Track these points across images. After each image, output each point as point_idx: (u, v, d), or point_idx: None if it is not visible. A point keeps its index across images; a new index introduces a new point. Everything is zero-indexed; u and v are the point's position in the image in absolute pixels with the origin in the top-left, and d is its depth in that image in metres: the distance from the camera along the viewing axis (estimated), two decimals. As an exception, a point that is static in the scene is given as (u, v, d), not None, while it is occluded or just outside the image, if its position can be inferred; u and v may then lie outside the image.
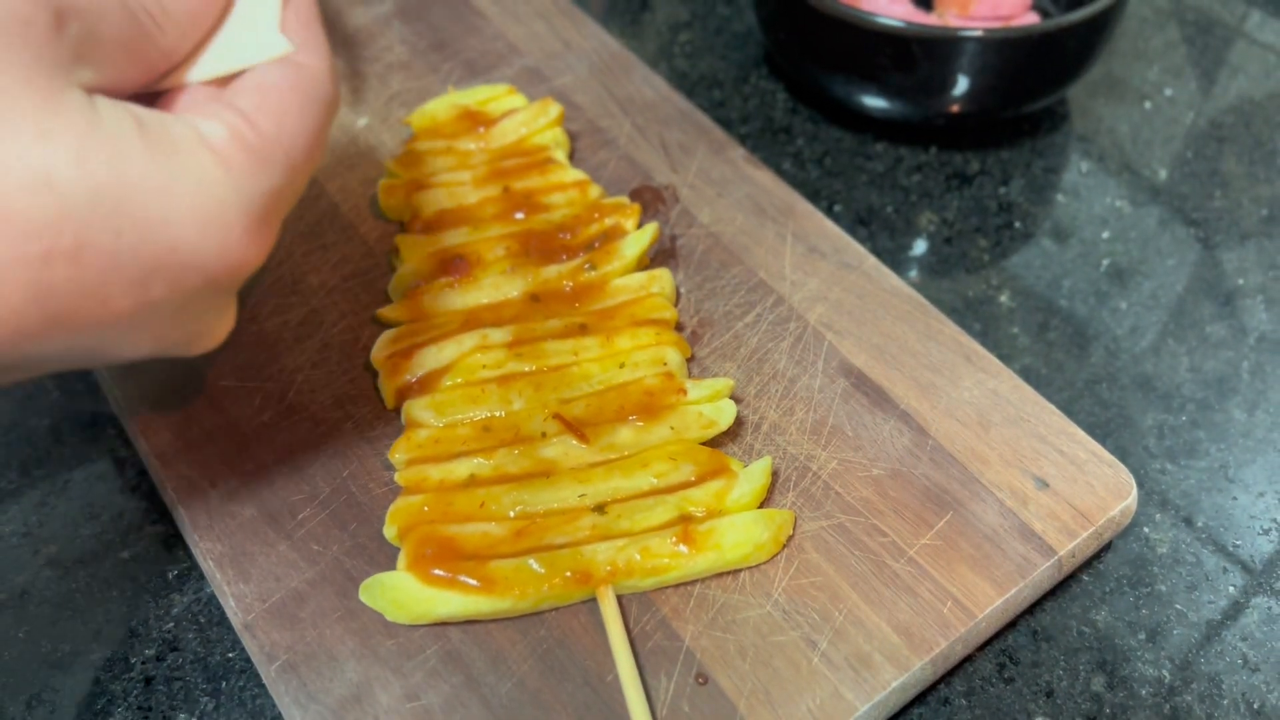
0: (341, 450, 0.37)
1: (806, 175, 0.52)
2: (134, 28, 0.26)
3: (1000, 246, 0.49)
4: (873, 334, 0.40)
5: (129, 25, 0.26)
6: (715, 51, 0.59)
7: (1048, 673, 0.35)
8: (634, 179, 0.47)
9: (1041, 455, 0.37)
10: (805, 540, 0.35)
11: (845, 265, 0.43)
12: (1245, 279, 0.47)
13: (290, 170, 0.27)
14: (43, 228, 0.22)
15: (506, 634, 0.33)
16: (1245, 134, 0.54)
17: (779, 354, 0.40)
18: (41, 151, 0.22)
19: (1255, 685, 0.34)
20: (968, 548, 0.34)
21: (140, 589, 0.37)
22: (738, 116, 0.55)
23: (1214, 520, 0.39)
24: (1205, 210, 0.50)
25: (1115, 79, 0.57)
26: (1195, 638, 0.36)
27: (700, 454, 0.36)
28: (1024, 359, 0.44)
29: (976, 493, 0.36)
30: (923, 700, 0.34)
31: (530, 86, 0.52)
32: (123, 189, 0.23)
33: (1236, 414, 0.42)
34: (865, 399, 0.39)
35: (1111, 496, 0.36)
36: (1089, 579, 0.37)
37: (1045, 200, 0.51)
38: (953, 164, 0.53)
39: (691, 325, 0.41)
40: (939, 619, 0.33)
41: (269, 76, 0.28)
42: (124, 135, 0.24)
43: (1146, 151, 0.53)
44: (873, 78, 0.50)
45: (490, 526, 0.34)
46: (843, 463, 0.37)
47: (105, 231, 0.23)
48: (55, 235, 0.22)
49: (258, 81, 0.28)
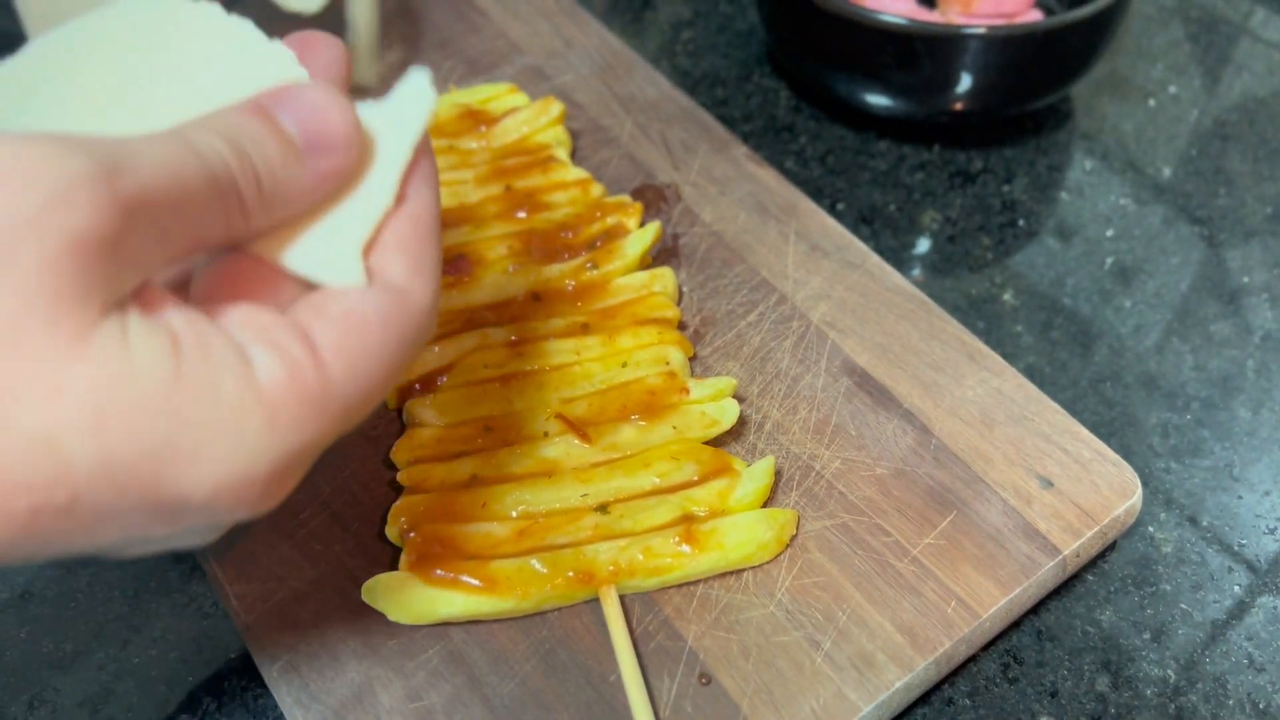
0: (343, 450, 0.37)
1: (809, 173, 0.52)
2: (218, 213, 0.22)
3: (1004, 245, 0.49)
4: (876, 333, 0.40)
5: (212, 213, 0.22)
6: (717, 49, 0.59)
7: (1052, 673, 0.35)
8: (636, 178, 0.47)
9: (1045, 454, 0.36)
10: (808, 540, 0.35)
11: (848, 264, 0.43)
12: (1250, 277, 0.47)
13: (346, 421, 0.23)
14: (36, 488, 0.19)
15: (509, 634, 0.33)
16: (1250, 132, 0.54)
17: (782, 353, 0.40)
18: (52, 412, 0.19)
19: (1261, 685, 0.34)
20: (972, 547, 0.34)
21: (142, 589, 0.37)
22: (740, 115, 0.55)
23: (1219, 519, 0.39)
24: (1210, 208, 0.50)
25: (1119, 76, 0.57)
26: (1200, 637, 0.35)
27: (703, 453, 0.36)
28: (1028, 358, 0.44)
29: (980, 492, 0.36)
30: (926, 701, 0.34)
31: (532, 85, 0.51)
32: (139, 455, 0.20)
33: (1241, 413, 0.42)
34: (868, 398, 0.38)
35: (1116, 496, 0.35)
36: (1093, 578, 0.37)
37: (1049, 198, 0.51)
38: (956, 162, 0.52)
39: (694, 324, 0.41)
40: (943, 619, 0.33)
41: (361, 305, 0.23)
42: (154, 383, 0.20)
43: (1151, 149, 0.53)
44: (876, 75, 0.50)
45: (492, 526, 0.34)
46: (846, 462, 0.37)
47: (108, 490, 0.20)
48: (48, 495, 0.19)
49: (345, 309, 0.23)
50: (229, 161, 0.22)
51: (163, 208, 0.20)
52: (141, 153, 0.20)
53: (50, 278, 0.19)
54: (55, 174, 0.19)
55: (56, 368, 0.19)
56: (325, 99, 0.24)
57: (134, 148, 0.20)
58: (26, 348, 0.19)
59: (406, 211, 0.25)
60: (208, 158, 0.22)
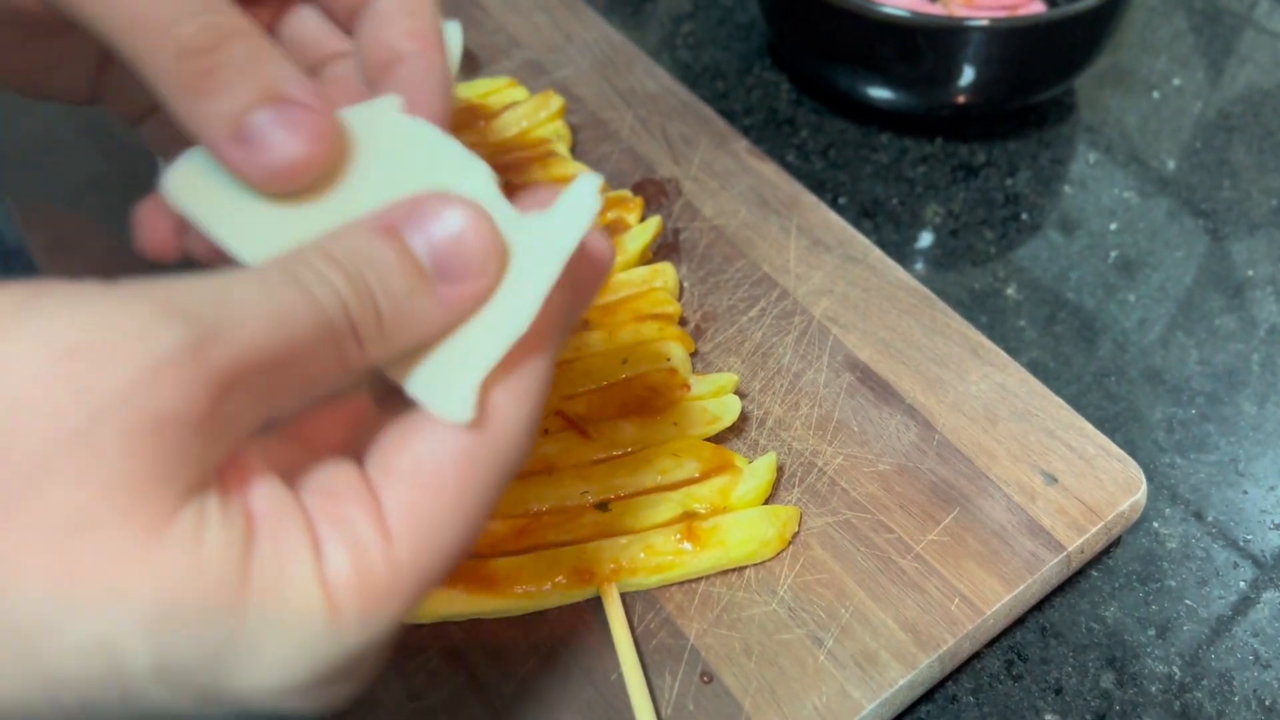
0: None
1: (811, 167, 0.52)
2: (329, 359, 0.20)
3: (1007, 239, 0.48)
4: (878, 328, 0.40)
5: (322, 359, 0.20)
6: (718, 43, 0.59)
7: (1056, 670, 0.34)
8: (636, 172, 0.47)
9: (1050, 450, 0.36)
10: (811, 537, 0.34)
11: (850, 258, 0.42)
12: (1255, 270, 0.47)
13: (416, 601, 0.21)
14: (85, 685, 0.18)
15: (509, 633, 0.33)
16: (1254, 124, 0.54)
17: (783, 348, 0.40)
18: (112, 616, 0.17)
19: (1266, 681, 0.34)
20: (975, 544, 0.34)
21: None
22: (741, 108, 0.55)
23: (1224, 514, 0.38)
24: (1214, 201, 0.50)
25: (1123, 69, 0.57)
26: (1205, 633, 0.35)
27: (704, 450, 0.35)
28: (1031, 352, 0.43)
29: (984, 488, 0.35)
30: (930, 698, 0.34)
31: (531, 79, 0.51)
32: (196, 658, 0.18)
33: (1247, 407, 0.41)
34: (871, 393, 0.38)
35: (1120, 491, 0.35)
36: (1098, 575, 0.37)
37: (1052, 192, 0.50)
38: (958, 155, 0.52)
39: (695, 320, 0.41)
40: (946, 616, 0.32)
41: (435, 455, 0.21)
42: (222, 582, 0.18)
43: (1154, 142, 0.53)
44: (878, 68, 0.49)
45: (492, 524, 0.34)
46: (848, 458, 0.36)
47: (161, 689, 0.18)
48: (97, 691, 0.18)
49: (416, 461, 0.21)
50: (346, 300, 0.20)
51: (265, 370, 0.19)
52: (246, 310, 0.19)
53: (130, 464, 0.17)
54: (145, 350, 0.18)
55: (123, 567, 0.17)
56: (463, 217, 0.22)
57: (238, 306, 0.19)
58: (94, 543, 0.17)
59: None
60: (322, 301, 0.20)
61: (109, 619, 0.17)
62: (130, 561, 0.17)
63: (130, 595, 0.17)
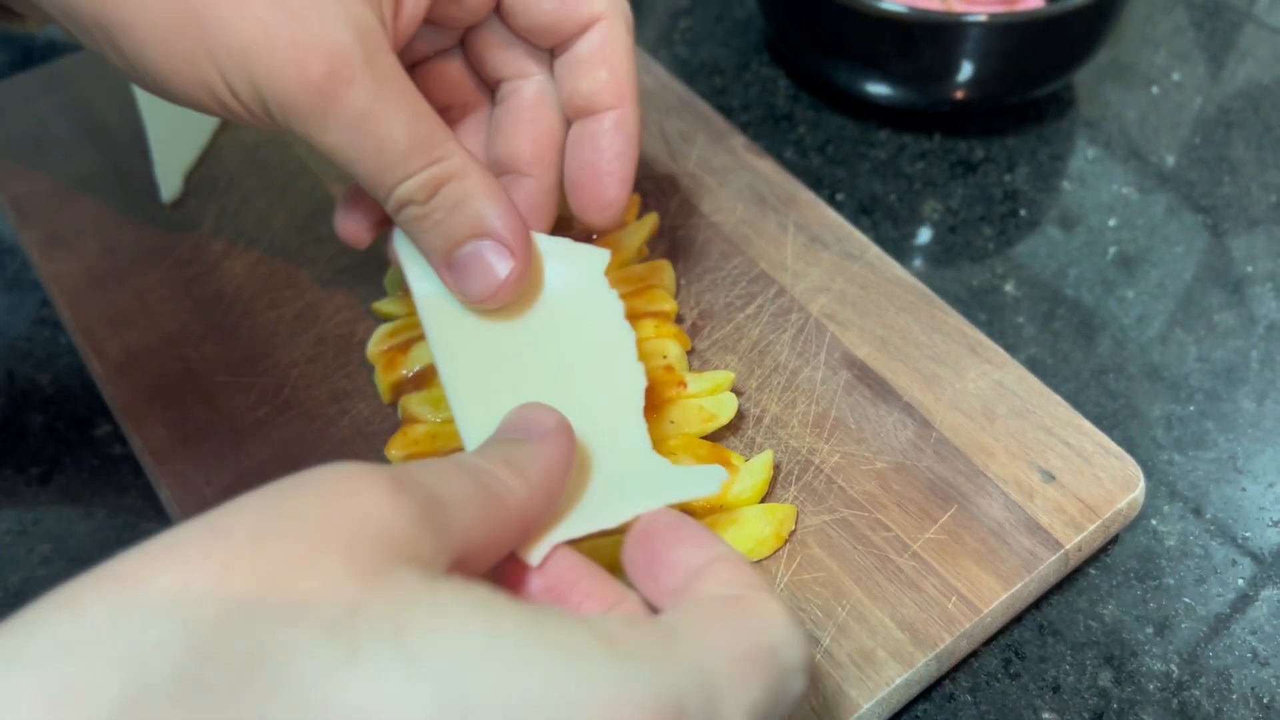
0: (338, 446, 0.37)
1: (808, 164, 0.51)
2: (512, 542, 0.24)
3: (1005, 235, 0.48)
4: (876, 325, 0.40)
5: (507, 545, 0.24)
6: (715, 38, 0.58)
7: (1054, 668, 0.34)
8: (633, 169, 0.47)
9: (1047, 447, 0.36)
10: (807, 535, 0.34)
11: (848, 255, 0.42)
12: (1254, 266, 0.46)
13: None
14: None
15: (505, 631, 0.32)
16: (1254, 119, 0.53)
17: (781, 346, 0.40)
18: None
19: (1265, 679, 0.34)
20: (973, 542, 0.34)
21: (136, 587, 0.36)
22: (738, 104, 0.54)
23: (1223, 512, 0.38)
24: (1214, 197, 0.49)
25: (1122, 64, 0.56)
26: (1204, 631, 0.35)
27: (701, 448, 0.35)
28: (1030, 349, 0.43)
29: (981, 486, 0.35)
30: (927, 696, 0.34)
31: (528, 75, 0.51)
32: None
33: (1246, 404, 0.41)
34: (868, 391, 0.38)
35: (1119, 489, 0.35)
36: (1096, 572, 0.37)
37: (1051, 188, 0.50)
38: (957, 151, 0.52)
39: (691, 317, 0.41)
40: (944, 614, 0.32)
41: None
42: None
43: (1154, 137, 0.52)
44: (876, 64, 0.49)
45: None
46: (845, 456, 0.36)
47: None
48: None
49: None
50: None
51: (444, 500, 0.22)
52: (458, 510, 0.22)
53: (407, 547, 0.20)
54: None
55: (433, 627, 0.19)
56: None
57: (453, 510, 0.22)
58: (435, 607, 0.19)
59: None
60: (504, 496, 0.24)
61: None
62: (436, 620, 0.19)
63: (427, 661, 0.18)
